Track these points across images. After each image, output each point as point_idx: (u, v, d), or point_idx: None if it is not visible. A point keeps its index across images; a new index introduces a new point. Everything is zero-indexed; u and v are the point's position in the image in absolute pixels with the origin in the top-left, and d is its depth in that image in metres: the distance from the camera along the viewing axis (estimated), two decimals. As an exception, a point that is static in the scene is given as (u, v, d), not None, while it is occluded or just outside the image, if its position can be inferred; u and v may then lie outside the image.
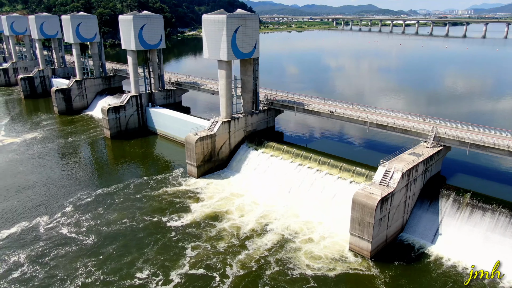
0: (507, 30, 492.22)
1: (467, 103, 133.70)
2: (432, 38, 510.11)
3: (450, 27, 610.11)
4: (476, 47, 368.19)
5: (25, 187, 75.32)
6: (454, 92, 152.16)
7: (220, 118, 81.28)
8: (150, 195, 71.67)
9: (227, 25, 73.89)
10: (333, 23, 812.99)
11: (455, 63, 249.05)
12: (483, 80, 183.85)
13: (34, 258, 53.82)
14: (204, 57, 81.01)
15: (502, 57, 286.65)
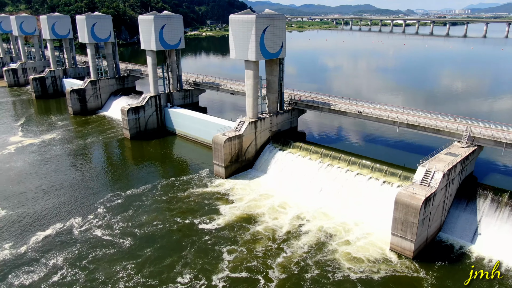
0: (508, 29, 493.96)
1: (492, 101, 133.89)
2: (433, 37, 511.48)
3: (450, 26, 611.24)
4: (481, 47, 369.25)
5: (53, 189, 74.81)
6: (477, 91, 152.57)
7: (247, 119, 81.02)
8: (178, 197, 71.23)
9: (256, 25, 73.60)
10: (333, 23, 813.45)
11: (468, 63, 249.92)
12: (499, 79, 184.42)
13: (72, 261, 53.31)
14: (230, 57, 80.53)
15: (510, 56, 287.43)
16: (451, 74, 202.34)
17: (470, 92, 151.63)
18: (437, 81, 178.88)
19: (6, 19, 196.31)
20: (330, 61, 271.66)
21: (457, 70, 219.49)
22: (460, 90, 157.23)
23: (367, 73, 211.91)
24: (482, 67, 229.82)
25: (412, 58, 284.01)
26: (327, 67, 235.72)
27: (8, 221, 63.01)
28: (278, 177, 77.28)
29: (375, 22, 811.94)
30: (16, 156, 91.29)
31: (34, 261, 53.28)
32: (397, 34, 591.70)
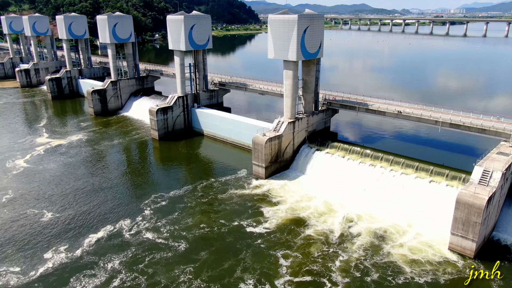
0: (508, 29, 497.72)
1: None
2: (434, 37, 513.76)
3: (449, 26, 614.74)
4: (486, 46, 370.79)
5: (94, 190, 74.12)
6: (506, 90, 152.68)
7: (285, 119, 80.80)
8: (220, 198, 70.56)
9: (298, 25, 73.46)
10: (332, 22, 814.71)
11: (485, 62, 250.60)
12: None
13: (130, 265, 52.56)
14: (268, 58, 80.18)
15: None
16: (474, 73, 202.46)
17: (501, 91, 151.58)
18: (462, 80, 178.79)
19: (17, 19, 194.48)
20: (348, 61, 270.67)
21: (479, 69, 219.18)
22: (489, 88, 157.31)
23: (392, 73, 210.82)
24: (501, 66, 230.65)
25: (427, 58, 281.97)
26: (348, 67, 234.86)
27: (57, 224, 62.28)
28: (318, 178, 77.12)
29: (374, 21, 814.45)
30: (47, 158, 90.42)
31: (92, 264, 52.65)
32: (397, 33, 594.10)
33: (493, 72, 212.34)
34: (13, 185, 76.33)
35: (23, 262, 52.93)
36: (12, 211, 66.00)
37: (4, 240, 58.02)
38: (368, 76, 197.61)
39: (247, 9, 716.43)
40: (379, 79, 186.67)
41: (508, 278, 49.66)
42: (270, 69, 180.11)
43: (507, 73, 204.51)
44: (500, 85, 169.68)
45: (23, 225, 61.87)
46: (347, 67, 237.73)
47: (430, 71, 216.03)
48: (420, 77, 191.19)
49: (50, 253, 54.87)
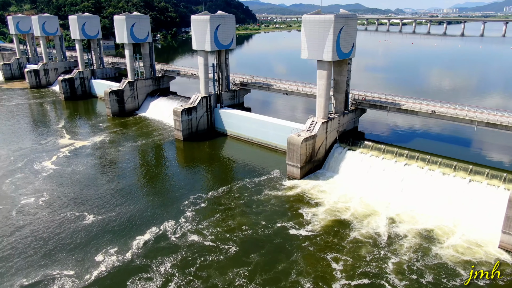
0: (505, 28, 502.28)
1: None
2: (432, 36, 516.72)
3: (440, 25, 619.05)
4: (488, 46, 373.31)
5: (128, 192, 73.47)
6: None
7: (319, 119, 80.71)
8: (257, 200, 69.96)
9: (334, 25, 73.40)
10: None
11: (493, 61, 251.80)
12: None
13: (182, 268, 51.84)
14: (301, 58, 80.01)
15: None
16: (492, 73, 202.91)
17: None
18: (483, 79, 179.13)
19: (24, 19, 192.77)
20: (362, 61, 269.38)
21: (494, 69, 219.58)
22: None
23: (408, 73, 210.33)
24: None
25: (436, 57, 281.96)
26: (363, 67, 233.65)
27: (101, 226, 61.60)
28: (352, 178, 77.02)
29: (372, 21, 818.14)
30: (74, 159, 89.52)
31: (145, 267, 52.09)
32: (394, 33, 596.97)
33: (510, 71, 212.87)
34: (46, 187, 75.43)
35: (76, 265, 52.29)
36: (52, 214, 65.21)
37: (51, 243, 57.29)
38: (387, 76, 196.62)
39: (244, 9, 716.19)
40: (398, 79, 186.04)
41: (508, 278, 49.42)
42: (271, 67, 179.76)
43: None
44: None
45: (67, 228, 61.13)
46: (362, 67, 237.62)
47: (446, 70, 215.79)
48: (439, 77, 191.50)
49: (101, 255, 54.25)
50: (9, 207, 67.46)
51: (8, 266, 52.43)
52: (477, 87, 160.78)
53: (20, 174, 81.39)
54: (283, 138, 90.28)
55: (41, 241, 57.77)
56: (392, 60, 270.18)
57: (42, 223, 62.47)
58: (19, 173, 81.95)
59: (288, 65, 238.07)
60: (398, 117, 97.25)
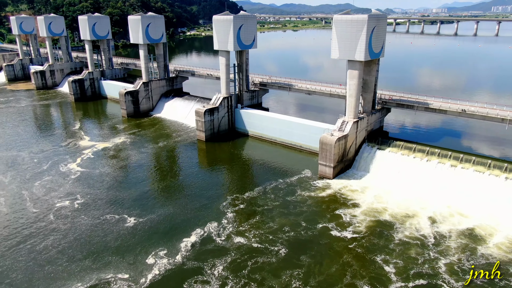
0: (498, 28, 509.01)
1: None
2: (426, 36, 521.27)
3: (432, 25, 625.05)
4: (485, 45, 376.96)
5: (164, 193, 73.15)
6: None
7: (349, 118, 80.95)
8: (293, 201, 69.68)
9: (367, 25, 73.68)
10: (322, 22, 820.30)
11: (499, 59, 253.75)
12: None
13: (235, 271, 51.41)
14: (331, 58, 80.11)
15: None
16: (504, 70, 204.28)
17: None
18: (502, 77, 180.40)
19: (27, 19, 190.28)
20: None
21: (506, 67, 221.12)
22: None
23: (422, 71, 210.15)
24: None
25: (441, 56, 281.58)
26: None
27: (144, 228, 61.02)
28: (384, 177, 77.27)
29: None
30: (99, 161, 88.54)
31: (199, 270, 51.75)
32: (388, 32, 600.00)
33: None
34: (77, 189, 74.47)
35: (129, 269, 51.73)
36: (91, 217, 64.40)
37: (98, 246, 56.60)
38: (402, 76, 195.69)
39: (238, 9, 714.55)
40: (415, 79, 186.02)
41: (508, 278, 49.59)
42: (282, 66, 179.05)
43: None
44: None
45: (110, 230, 60.44)
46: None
47: (460, 69, 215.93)
48: (454, 75, 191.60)
49: (151, 258, 53.77)
50: (45, 211, 66.47)
51: (59, 270, 51.72)
52: (496, 85, 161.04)
53: (47, 176, 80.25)
54: (309, 138, 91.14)
55: (86, 244, 57.04)
56: (403, 61, 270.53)
57: (84, 226, 61.65)
58: (46, 175, 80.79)
59: (298, 64, 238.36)
60: (419, 116, 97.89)
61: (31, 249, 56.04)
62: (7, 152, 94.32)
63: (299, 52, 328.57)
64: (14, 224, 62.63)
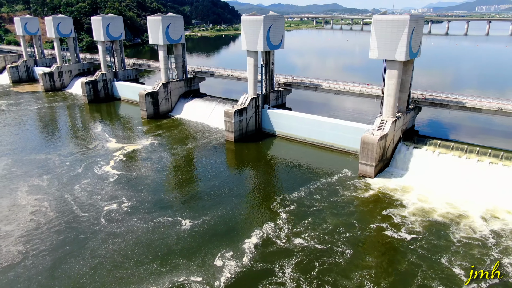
0: (488, 27, 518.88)
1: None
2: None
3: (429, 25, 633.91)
4: (483, 44, 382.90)
5: (211, 195, 72.40)
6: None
7: (388, 118, 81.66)
8: (339, 200, 69.70)
9: (409, 25, 74.39)
10: (313, 22, 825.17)
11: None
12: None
13: (305, 273, 50.97)
14: (370, 57, 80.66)
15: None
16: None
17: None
18: None
19: (32, 20, 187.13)
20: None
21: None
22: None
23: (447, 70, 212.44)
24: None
25: (447, 57, 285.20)
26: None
27: (202, 231, 60.61)
28: (424, 176, 77.49)
29: (356, 21, 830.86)
30: (133, 164, 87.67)
31: (269, 271, 51.46)
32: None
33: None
34: (120, 192, 73.56)
35: (199, 271, 51.39)
36: (144, 220, 63.65)
37: (161, 249, 56.05)
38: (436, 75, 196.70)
39: (230, 9, 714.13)
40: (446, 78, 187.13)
41: (508, 278, 50.01)
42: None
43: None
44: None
45: (168, 233, 59.90)
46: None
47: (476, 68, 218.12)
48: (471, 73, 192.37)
49: (219, 260, 53.49)
50: (94, 214, 65.53)
51: (128, 274, 51.08)
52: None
53: (85, 179, 79.10)
54: (341, 138, 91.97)
55: (148, 248, 56.42)
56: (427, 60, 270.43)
57: (140, 229, 60.95)
58: (84, 178, 79.63)
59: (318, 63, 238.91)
60: (444, 114, 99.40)
61: (93, 254, 55.23)
62: (36, 156, 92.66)
63: (313, 51, 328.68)
64: (67, 229, 61.63)
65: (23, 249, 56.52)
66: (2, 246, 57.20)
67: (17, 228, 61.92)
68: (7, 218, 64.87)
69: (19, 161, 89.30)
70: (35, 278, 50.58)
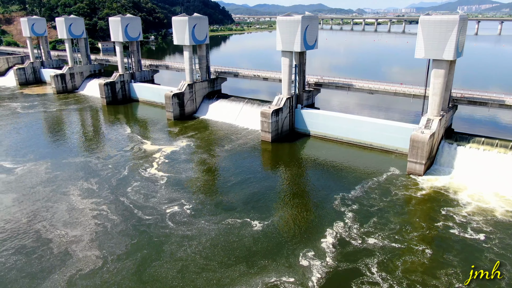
0: (477, 27, 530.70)
1: None
2: (410, 35, 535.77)
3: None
4: (478, 44, 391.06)
5: (268, 195, 72.36)
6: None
7: (433, 116, 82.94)
8: (396, 200, 69.83)
9: (458, 25, 75.78)
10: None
11: None
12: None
13: (390, 272, 50.98)
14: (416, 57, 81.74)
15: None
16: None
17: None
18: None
19: (39, 21, 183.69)
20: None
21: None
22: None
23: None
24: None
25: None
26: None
27: (275, 231, 60.42)
28: (473, 174, 77.93)
29: (346, 21, 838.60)
30: (178, 166, 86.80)
31: (356, 270, 51.61)
32: (370, 32, 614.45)
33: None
34: (176, 195, 72.81)
35: (289, 272, 51.32)
36: (212, 222, 63.13)
37: (241, 250, 55.78)
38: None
39: (221, 9, 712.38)
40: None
41: (508, 278, 50.36)
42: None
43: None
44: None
45: (242, 235, 59.57)
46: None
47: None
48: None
49: (303, 260, 53.57)
50: (159, 218, 64.80)
51: (218, 276, 50.75)
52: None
53: (135, 182, 78.13)
54: (381, 136, 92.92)
55: (228, 249, 56.08)
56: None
57: (212, 231, 60.48)
58: (132, 181, 78.66)
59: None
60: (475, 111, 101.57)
61: (174, 257, 54.68)
62: (74, 159, 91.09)
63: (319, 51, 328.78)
64: (137, 232, 60.75)
65: (100, 253, 55.54)
66: (77, 251, 56.09)
67: (84, 232, 60.81)
68: (70, 223, 63.68)
69: (58, 165, 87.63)
70: (124, 283, 49.82)
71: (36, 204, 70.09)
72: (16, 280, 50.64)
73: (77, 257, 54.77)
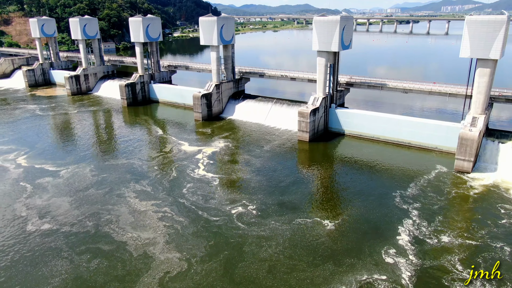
0: (448, 26, 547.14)
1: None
2: (406, 35, 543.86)
3: (409, 25, 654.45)
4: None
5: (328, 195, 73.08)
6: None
7: (478, 115, 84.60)
8: (452, 198, 70.53)
9: (506, 25, 77.53)
10: (294, 23, 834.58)
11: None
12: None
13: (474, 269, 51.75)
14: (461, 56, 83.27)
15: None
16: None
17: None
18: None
19: (49, 21, 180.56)
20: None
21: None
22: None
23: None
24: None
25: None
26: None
27: (349, 230, 61.02)
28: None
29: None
30: (224, 167, 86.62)
31: (444, 268, 51.93)
32: (361, 32, 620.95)
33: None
34: (234, 196, 72.58)
35: (377, 270, 51.70)
36: (282, 222, 63.01)
37: (322, 249, 56.04)
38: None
39: (213, 9, 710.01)
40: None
41: (508, 278, 50.89)
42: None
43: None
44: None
45: (319, 234, 59.74)
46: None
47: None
48: None
49: (387, 258, 54.04)
50: (227, 218, 64.61)
51: (309, 275, 50.87)
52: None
53: (187, 183, 77.63)
54: (420, 135, 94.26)
55: (309, 249, 56.10)
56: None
57: (286, 231, 60.50)
58: (185, 182, 78.15)
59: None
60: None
61: (257, 258, 54.51)
62: (116, 161, 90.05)
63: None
64: (210, 233, 60.31)
65: (181, 255, 55.11)
66: (157, 254, 55.55)
67: (156, 235, 60.23)
68: (138, 225, 62.97)
69: (102, 167, 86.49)
70: (217, 284, 49.60)
71: (94, 207, 69.07)
72: (105, 284, 49.92)
73: (160, 260, 54.20)
